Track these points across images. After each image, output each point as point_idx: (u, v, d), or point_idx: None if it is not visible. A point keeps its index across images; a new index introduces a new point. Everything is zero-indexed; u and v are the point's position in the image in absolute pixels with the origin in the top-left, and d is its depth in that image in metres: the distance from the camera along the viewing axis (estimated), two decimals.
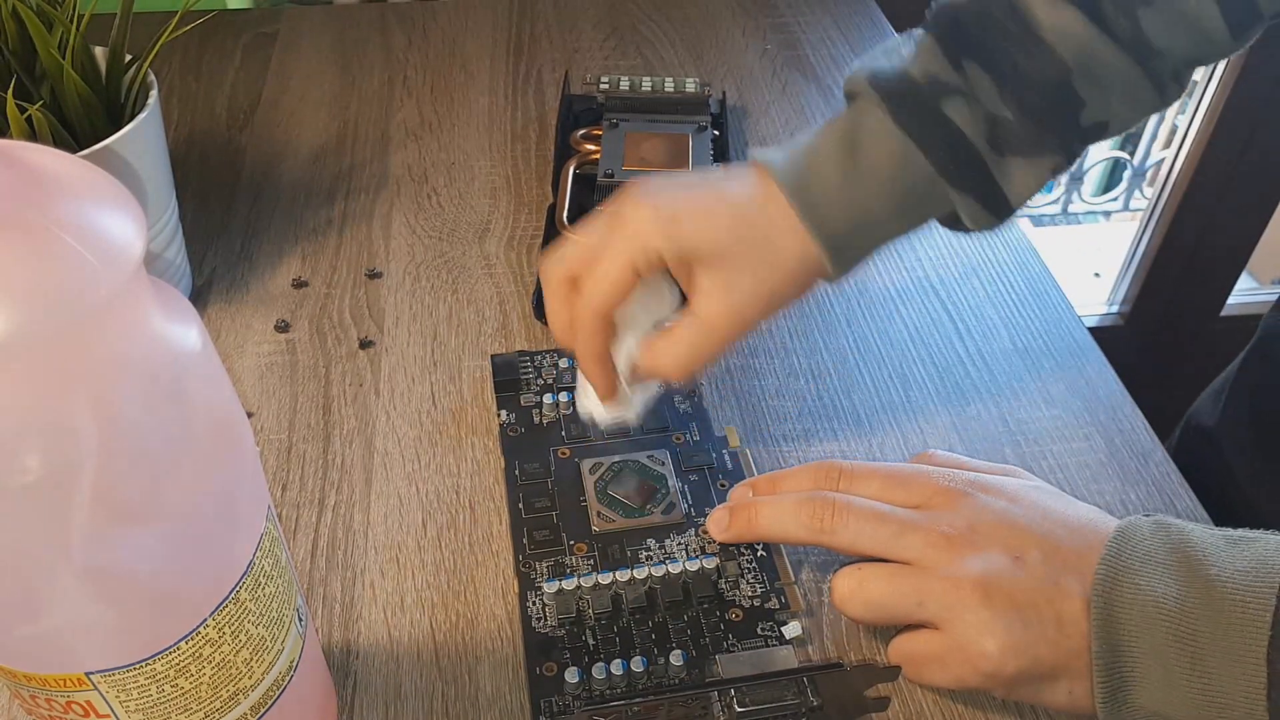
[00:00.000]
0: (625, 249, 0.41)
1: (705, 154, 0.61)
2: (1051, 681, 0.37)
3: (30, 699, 0.29)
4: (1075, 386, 0.54)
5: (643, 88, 0.67)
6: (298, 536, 0.46)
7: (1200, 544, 0.37)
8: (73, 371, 0.23)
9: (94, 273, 0.23)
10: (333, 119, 0.72)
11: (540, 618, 0.42)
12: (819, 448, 0.50)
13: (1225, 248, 1.34)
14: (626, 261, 0.41)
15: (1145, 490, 0.49)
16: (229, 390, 0.28)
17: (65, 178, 0.24)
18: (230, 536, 0.29)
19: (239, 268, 0.59)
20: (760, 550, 0.44)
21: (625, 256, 0.41)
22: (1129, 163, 1.60)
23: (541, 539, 0.45)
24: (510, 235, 0.62)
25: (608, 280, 0.42)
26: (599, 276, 0.42)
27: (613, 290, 0.42)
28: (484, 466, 0.49)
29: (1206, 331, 1.42)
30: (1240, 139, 1.23)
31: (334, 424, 0.51)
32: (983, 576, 0.38)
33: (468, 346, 0.55)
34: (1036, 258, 0.62)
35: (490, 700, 0.40)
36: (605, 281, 0.42)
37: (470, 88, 0.75)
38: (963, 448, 0.50)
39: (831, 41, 0.81)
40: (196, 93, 0.74)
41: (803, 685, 0.38)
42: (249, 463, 0.29)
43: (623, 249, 0.41)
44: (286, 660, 0.32)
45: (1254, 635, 0.34)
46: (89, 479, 0.23)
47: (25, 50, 0.49)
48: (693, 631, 0.41)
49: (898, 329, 0.57)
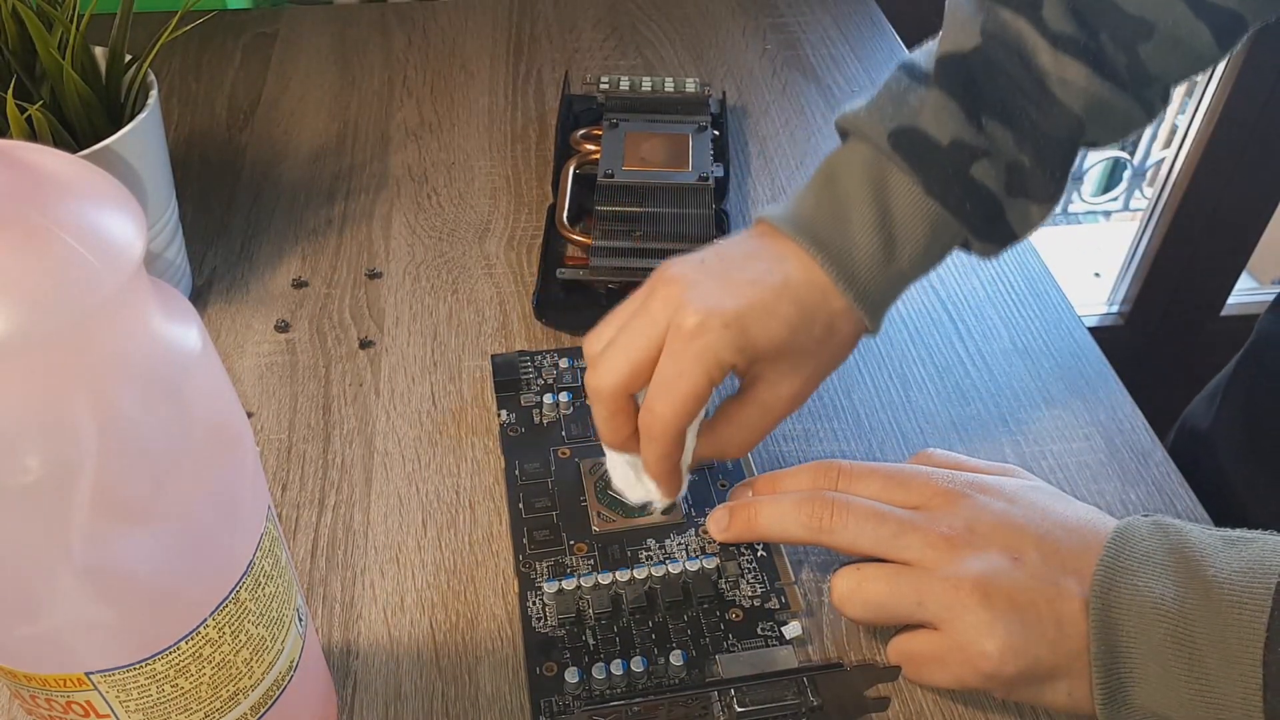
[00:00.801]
0: (700, 366, 0.40)
1: (705, 153, 0.61)
2: (1051, 682, 0.37)
3: (30, 699, 0.29)
4: (1075, 386, 0.54)
5: (642, 88, 0.67)
6: (298, 536, 0.46)
7: (1198, 544, 0.37)
8: (73, 371, 0.23)
9: (94, 273, 0.23)
10: (333, 119, 0.72)
11: (540, 617, 0.42)
12: (819, 448, 0.50)
13: (1225, 248, 1.34)
14: (704, 378, 0.40)
15: (1145, 490, 0.49)
16: (229, 390, 0.28)
17: (65, 178, 0.24)
18: (230, 536, 0.29)
19: (239, 268, 0.59)
20: (760, 550, 0.44)
21: (702, 373, 0.40)
22: (1129, 163, 1.60)
23: (542, 539, 0.45)
24: (510, 235, 0.62)
25: (686, 398, 0.40)
26: (675, 394, 0.40)
27: (693, 406, 0.40)
28: (484, 466, 0.49)
29: (1206, 331, 1.42)
30: (1240, 139, 1.23)
31: (334, 424, 0.51)
32: (982, 577, 0.38)
33: (468, 346, 0.55)
34: (1036, 258, 0.62)
35: (490, 700, 0.40)
36: (681, 399, 0.40)
37: (470, 88, 0.75)
38: (963, 448, 0.50)
39: (831, 41, 0.81)
40: (196, 93, 0.74)
41: (803, 685, 0.38)
42: (249, 463, 0.29)
43: (696, 364, 0.40)
44: (286, 660, 0.32)
45: (1250, 637, 0.34)
46: (89, 479, 0.23)
47: (25, 50, 0.49)
48: (693, 631, 0.41)
49: (898, 329, 0.57)
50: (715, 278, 0.41)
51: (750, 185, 0.66)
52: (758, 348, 0.41)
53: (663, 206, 0.58)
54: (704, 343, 0.39)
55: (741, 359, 0.41)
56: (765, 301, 0.41)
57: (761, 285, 0.41)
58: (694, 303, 0.40)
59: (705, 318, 0.40)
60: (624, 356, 0.41)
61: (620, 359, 0.41)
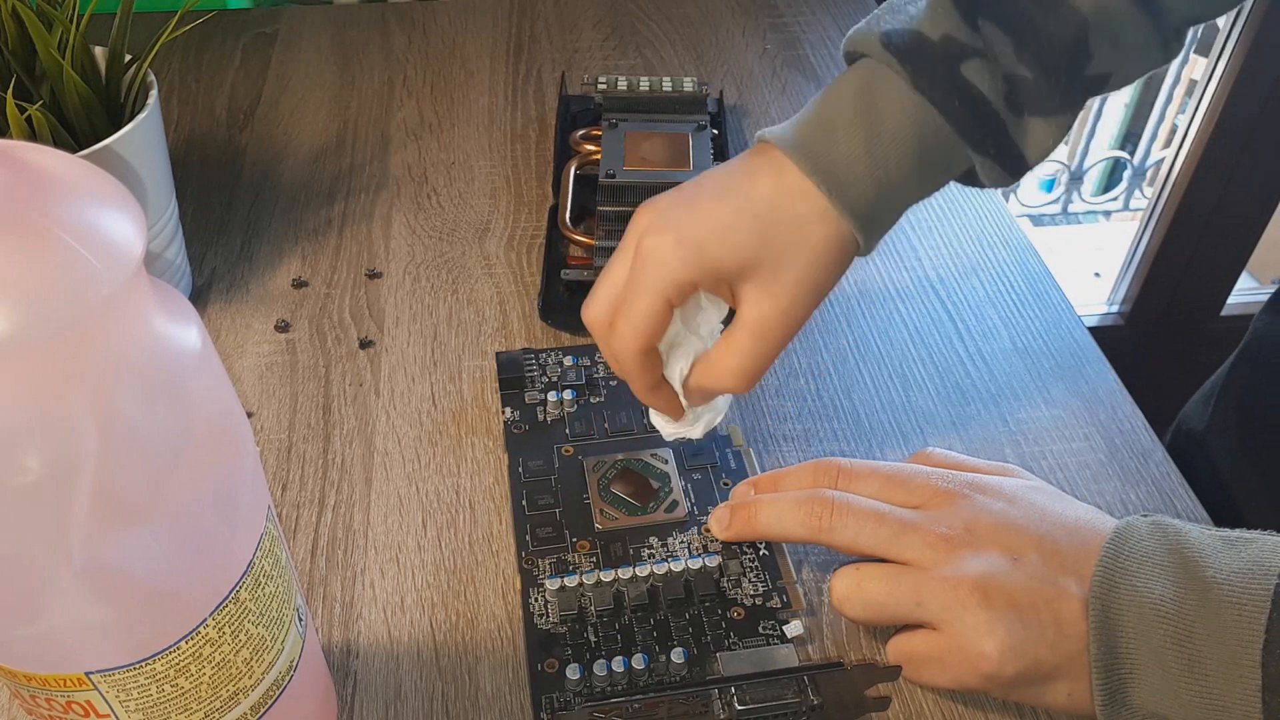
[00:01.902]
0: (653, 285, 0.40)
1: (705, 153, 0.61)
2: (1050, 683, 0.37)
3: (30, 699, 0.29)
4: (1075, 386, 0.54)
5: (640, 87, 0.67)
6: (298, 536, 0.46)
7: (1197, 545, 0.37)
8: (73, 371, 0.23)
9: (94, 273, 0.23)
10: (333, 119, 0.72)
11: (542, 614, 0.42)
12: (819, 447, 0.50)
13: (1225, 247, 1.34)
14: (657, 297, 0.40)
15: (1145, 490, 0.49)
16: (229, 390, 0.28)
17: (65, 178, 0.24)
18: (230, 536, 0.29)
19: (239, 268, 0.59)
20: (762, 549, 0.44)
21: (654, 293, 0.40)
22: (1129, 162, 1.60)
23: (544, 536, 0.45)
24: (510, 235, 0.62)
25: (639, 318, 0.41)
26: (631, 315, 0.41)
27: (646, 327, 0.41)
28: (484, 466, 0.49)
29: (1206, 331, 1.42)
30: (1240, 139, 1.23)
31: (334, 424, 0.51)
32: (981, 577, 0.38)
33: (468, 347, 0.55)
34: (1036, 258, 0.62)
35: (490, 700, 0.40)
36: (637, 319, 0.41)
37: (470, 88, 0.75)
38: (963, 447, 0.50)
39: (831, 42, 0.81)
40: (196, 93, 0.74)
41: (803, 684, 0.38)
42: (249, 462, 0.29)
43: (650, 285, 0.40)
44: (286, 660, 0.32)
45: (1249, 638, 0.34)
46: (89, 479, 0.23)
47: (25, 50, 0.49)
48: (694, 629, 0.41)
49: (898, 329, 0.57)
50: (683, 202, 0.41)
51: None
52: (720, 264, 0.40)
53: None
54: (656, 261, 0.40)
55: (703, 276, 0.40)
56: (724, 216, 0.40)
57: (725, 201, 0.41)
58: (653, 226, 0.41)
59: (659, 238, 0.40)
60: (604, 290, 0.43)
61: (601, 293, 0.43)
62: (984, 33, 0.40)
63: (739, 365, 0.41)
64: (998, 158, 0.41)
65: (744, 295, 0.41)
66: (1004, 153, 0.41)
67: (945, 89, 0.40)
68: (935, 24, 0.40)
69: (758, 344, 0.41)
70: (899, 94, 0.40)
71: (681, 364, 0.43)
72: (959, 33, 0.40)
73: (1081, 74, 0.40)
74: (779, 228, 0.40)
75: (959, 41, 0.40)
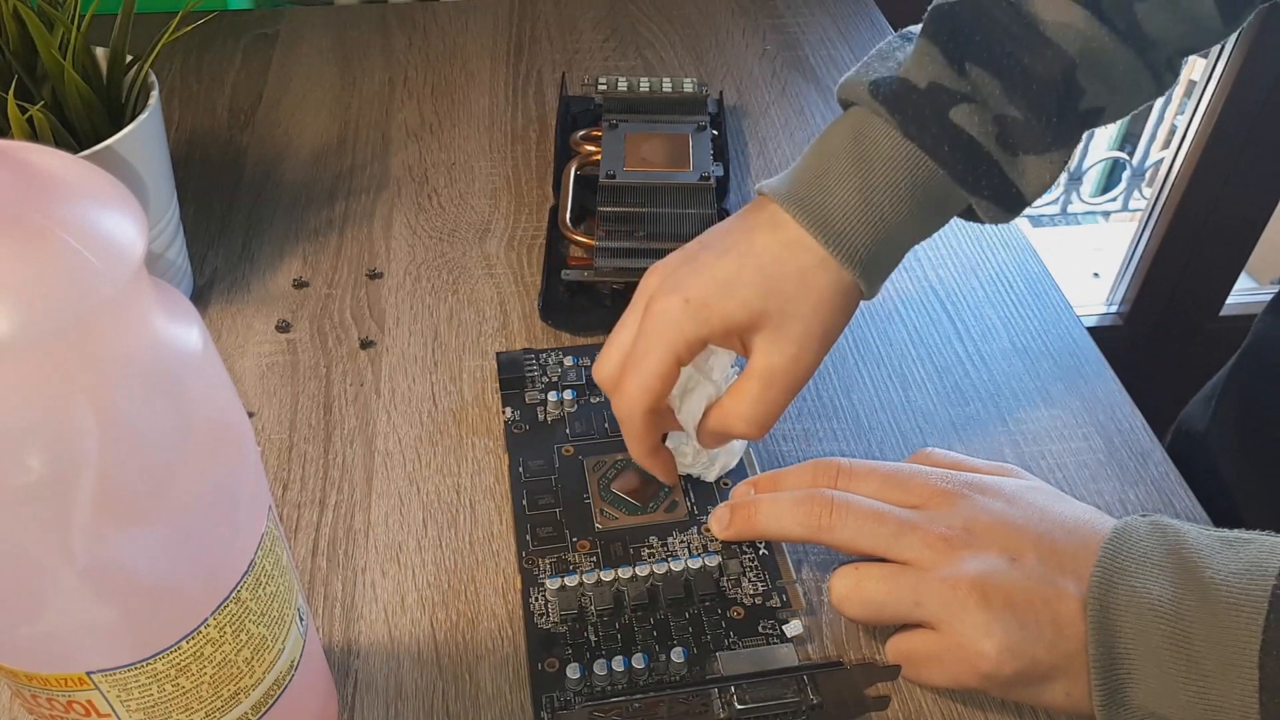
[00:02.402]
0: (662, 344, 0.41)
1: (705, 153, 0.61)
2: (1049, 682, 0.37)
3: (31, 699, 0.29)
4: (1074, 386, 0.54)
5: (640, 88, 0.67)
6: (299, 536, 0.46)
7: (1196, 545, 0.37)
8: (74, 371, 0.23)
9: (95, 273, 0.23)
10: (333, 120, 0.72)
11: (543, 614, 0.42)
12: (819, 448, 0.50)
13: (1224, 248, 1.34)
14: (667, 355, 0.41)
15: (1144, 490, 0.49)
16: (230, 390, 0.29)
17: (66, 178, 0.24)
18: (231, 536, 0.29)
19: (240, 268, 0.59)
20: (762, 548, 0.44)
21: (663, 351, 0.41)
22: (1128, 163, 1.60)
23: (545, 535, 0.45)
24: (510, 236, 0.62)
25: (648, 375, 0.41)
26: (640, 373, 0.41)
27: (655, 384, 0.41)
28: (485, 466, 0.49)
29: (1206, 331, 1.42)
30: (1240, 139, 1.23)
31: (335, 424, 0.51)
32: (980, 577, 0.38)
33: (468, 347, 0.55)
34: (1036, 258, 0.62)
35: (491, 699, 0.40)
36: (645, 377, 0.41)
37: (470, 88, 0.75)
38: (962, 448, 0.50)
39: (831, 42, 0.81)
40: (197, 93, 0.74)
41: (803, 683, 0.38)
42: (250, 462, 0.29)
43: (659, 344, 0.41)
44: (287, 660, 0.33)
45: (1247, 639, 0.34)
46: (90, 479, 0.23)
47: (26, 51, 0.49)
48: (694, 629, 0.41)
49: (897, 329, 0.57)
50: (688, 261, 0.43)
51: (750, 185, 0.67)
52: (729, 319, 0.41)
53: (665, 206, 0.58)
54: (665, 322, 0.41)
55: (712, 332, 0.41)
56: (728, 272, 0.41)
57: (728, 257, 0.42)
58: (661, 288, 0.42)
59: (667, 299, 0.41)
60: (614, 350, 0.43)
61: (612, 352, 0.44)
62: (971, 77, 0.40)
63: (750, 412, 0.42)
64: (993, 198, 0.42)
65: (754, 346, 0.42)
66: (1000, 192, 0.42)
67: (935, 135, 0.41)
68: (922, 71, 0.41)
69: (768, 392, 0.42)
70: (889, 141, 0.41)
71: (695, 408, 0.43)
72: (945, 78, 0.41)
73: (1075, 110, 0.41)
74: (782, 279, 0.41)
75: (946, 88, 0.41)
